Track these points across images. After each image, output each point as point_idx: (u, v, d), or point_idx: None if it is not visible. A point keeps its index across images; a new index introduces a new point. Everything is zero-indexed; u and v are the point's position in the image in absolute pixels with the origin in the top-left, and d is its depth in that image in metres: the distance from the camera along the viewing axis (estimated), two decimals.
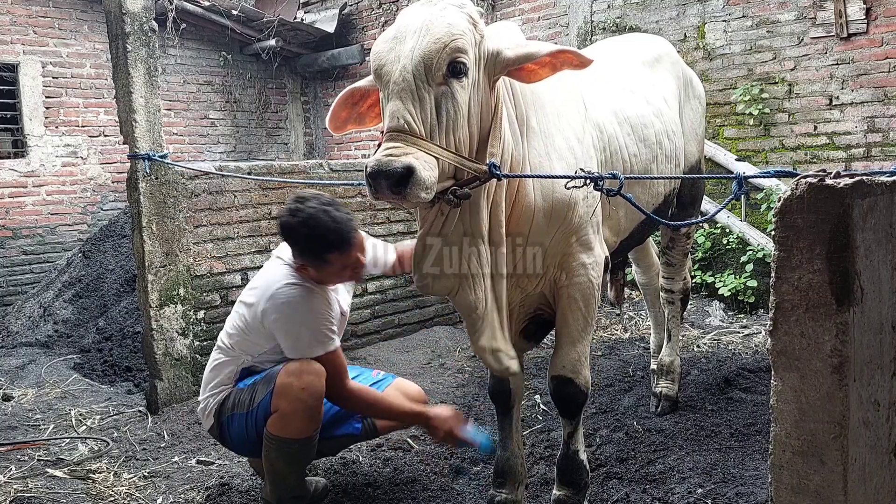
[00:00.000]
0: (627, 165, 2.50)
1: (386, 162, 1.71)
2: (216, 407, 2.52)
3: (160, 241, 3.81)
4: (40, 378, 4.51)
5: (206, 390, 2.58)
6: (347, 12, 8.19)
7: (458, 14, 1.86)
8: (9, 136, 6.73)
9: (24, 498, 2.84)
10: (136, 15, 3.71)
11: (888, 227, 1.24)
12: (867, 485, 1.25)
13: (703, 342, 4.52)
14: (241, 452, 2.70)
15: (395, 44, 1.85)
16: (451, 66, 1.81)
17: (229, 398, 2.50)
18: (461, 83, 1.83)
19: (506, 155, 2.01)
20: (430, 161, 1.77)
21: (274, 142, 8.67)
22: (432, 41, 1.79)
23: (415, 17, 1.87)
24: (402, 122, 1.77)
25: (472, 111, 1.89)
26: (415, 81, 1.79)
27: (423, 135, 1.79)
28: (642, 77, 2.84)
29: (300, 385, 2.34)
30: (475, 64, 1.87)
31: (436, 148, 1.80)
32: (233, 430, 2.50)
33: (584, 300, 2.29)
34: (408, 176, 1.70)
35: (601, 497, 2.63)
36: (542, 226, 2.14)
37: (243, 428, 2.47)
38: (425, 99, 1.80)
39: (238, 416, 2.47)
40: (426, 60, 1.78)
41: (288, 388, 2.34)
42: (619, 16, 6.06)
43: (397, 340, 4.95)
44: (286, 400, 2.34)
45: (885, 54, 4.77)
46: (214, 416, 2.53)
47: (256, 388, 2.45)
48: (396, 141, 1.76)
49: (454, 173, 1.88)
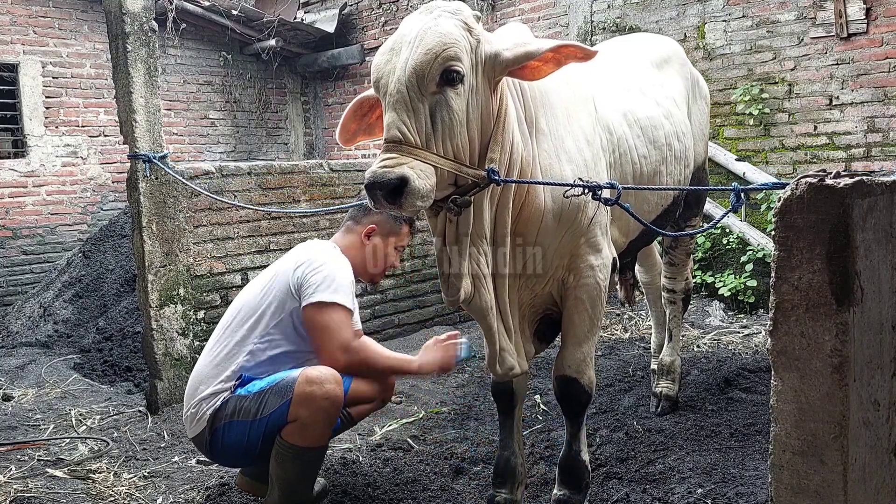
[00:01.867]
0: (637, 167, 2.51)
1: (381, 173, 1.75)
2: (211, 413, 2.43)
3: (160, 241, 3.81)
4: (40, 378, 4.51)
5: (200, 392, 2.47)
6: (347, 12, 8.19)
7: (451, 22, 1.87)
8: (9, 136, 6.73)
9: (24, 498, 2.84)
10: (136, 15, 3.71)
11: (888, 227, 1.24)
12: (867, 485, 1.25)
13: (703, 342, 4.52)
14: (226, 462, 2.60)
15: (391, 55, 1.88)
16: (445, 74, 1.82)
17: (227, 405, 2.41)
18: (456, 90, 1.85)
19: (515, 156, 2.01)
20: (426, 170, 1.78)
21: (274, 142, 8.67)
22: (423, 52, 1.81)
23: (411, 27, 1.89)
24: (397, 133, 1.81)
25: (471, 116, 1.89)
26: (408, 93, 1.81)
27: (419, 144, 1.81)
28: (651, 78, 2.84)
29: (322, 394, 2.31)
30: (471, 69, 1.88)
31: (432, 156, 1.82)
32: (228, 438, 2.41)
33: (591, 301, 2.29)
34: (402, 186, 1.74)
35: (601, 497, 2.63)
36: (551, 227, 2.15)
37: (243, 436, 2.39)
38: (420, 109, 1.82)
39: (238, 424, 2.39)
40: (418, 72, 1.81)
41: (310, 396, 2.31)
42: (619, 16, 6.06)
43: (397, 340, 4.95)
44: (308, 409, 2.31)
45: (885, 54, 4.77)
46: (207, 422, 2.44)
47: (266, 399, 2.36)
48: (392, 152, 1.79)
49: (454, 180, 1.90)
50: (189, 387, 2.54)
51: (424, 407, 3.67)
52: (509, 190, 2.04)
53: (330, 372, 2.36)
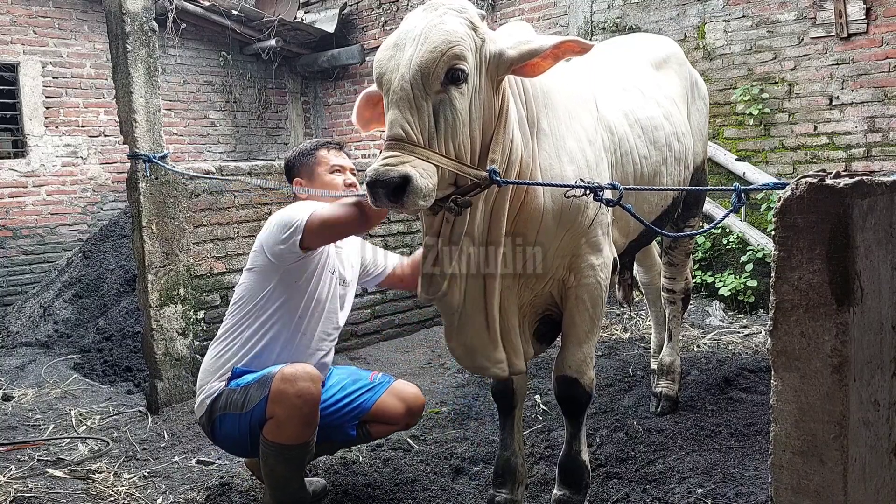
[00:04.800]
0: (638, 168, 2.51)
1: (383, 171, 1.73)
2: (210, 402, 2.49)
3: (160, 241, 3.81)
4: (40, 378, 4.51)
5: (203, 381, 2.55)
6: (347, 12, 8.19)
7: (457, 20, 1.86)
8: (9, 136, 6.73)
9: (24, 498, 2.84)
10: (136, 15, 3.71)
11: (888, 227, 1.24)
12: (867, 485, 1.25)
13: (703, 342, 4.52)
14: (229, 450, 2.68)
15: (395, 51, 1.86)
16: (450, 73, 1.81)
17: (221, 397, 2.46)
18: (460, 90, 1.84)
19: (514, 156, 2.01)
20: (428, 169, 1.77)
21: (274, 142, 8.67)
22: (429, 50, 1.79)
23: (415, 23, 1.87)
24: (400, 132, 1.79)
25: (473, 116, 1.89)
26: (412, 91, 1.80)
27: (422, 143, 1.80)
28: (651, 78, 2.84)
29: (295, 391, 2.31)
30: (475, 69, 1.87)
31: (435, 155, 1.80)
32: (224, 430, 2.48)
33: (592, 301, 2.29)
34: (404, 185, 1.72)
35: (601, 497, 2.63)
36: (551, 227, 2.14)
37: (235, 429, 2.44)
38: (423, 108, 1.81)
39: (230, 417, 2.44)
40: (423, 70, 1.79)
41: (283, 394, 2.31)
42: (619, 16, 6.06)
43: (397, 340, 4.95)
44: (281, 406, 2.32)
45: (885, 54, 4.77)
46: (207, 411, 2.50)
47: (250, 392, 2.39)
48: (394, 150, 1.78)
49: (454, 180, 1.88)
50: (199, 378, 2.60)
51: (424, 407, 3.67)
52: (507, 190, 2.02)
53: (306, 370, 2.36)
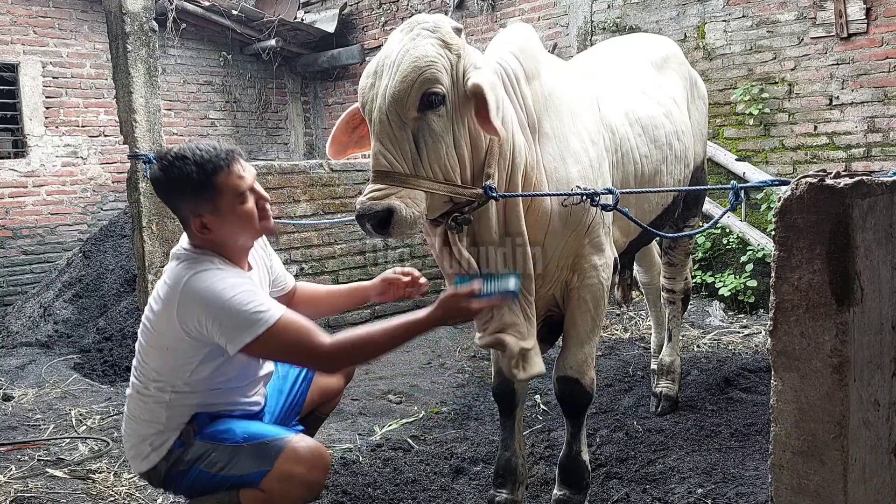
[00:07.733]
0: (639, 167, 2.52)
1: (368, 206, 1.78)
2: (167, 454, 2.05)
3: (160, 241, 3.81)
4: (40, 378, 4.51)
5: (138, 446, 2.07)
6: (347, 12, 8.19)
7: (428, 42, 1.85)
8: (9, 136, 6.73)
9: (24, 498, 2.84)
10: (136, 15, 3.71)
11: (888, 227, 1.24)
12: (867, 485, 1.25)
13: (703, 342, 4.52)
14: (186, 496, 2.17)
15: (374, 79, 1.88)
16: (424, 98, 1.82)
17: (190, 450, 2.03)
18: (437, 112, 1.85)
19: (518, 160, 2.02)
20: (415, 196, 1.80)
21: (274, 142, 8.67)
22: (400, 80, 1.81)
23: (392, 48, 1.88)
24: (383, 163, 1.82)
25: (457, 134, 1.89)
26: (389, 123, 1.83)
27: (407, 170, 1.82)
28: (651, 78, 2.85)
29: (306, 482, 2.00)
30: (453, 87, 1.87)
31: (424, 182, 1.83)
32: (186, 482, 2.07)
33: (594, 301, 2.29)
34: (389, 217, 1.77)
35: (601, 497, 2.63)
36: (558, 229, 2.16)
37: (203, 483, 2.04)
38: (403, 137, 1.83)
39: (201, 473, 2.03)
40: (397, 101, 1.81)
41: (291, 477, 1.98)
42: (619, 16, 6.05)
43: None
44: (284, 487, 1.98)
45: (885, 54, 4.77)
46: (164, 461, 2.06)
47: (240, 457, 1.99)
48: (380, 182, 1.82)
49: (450, 198, 1.90)
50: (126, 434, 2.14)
51: (424, 407, 3.67)
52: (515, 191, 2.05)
53: (321, 454, 2.05)
